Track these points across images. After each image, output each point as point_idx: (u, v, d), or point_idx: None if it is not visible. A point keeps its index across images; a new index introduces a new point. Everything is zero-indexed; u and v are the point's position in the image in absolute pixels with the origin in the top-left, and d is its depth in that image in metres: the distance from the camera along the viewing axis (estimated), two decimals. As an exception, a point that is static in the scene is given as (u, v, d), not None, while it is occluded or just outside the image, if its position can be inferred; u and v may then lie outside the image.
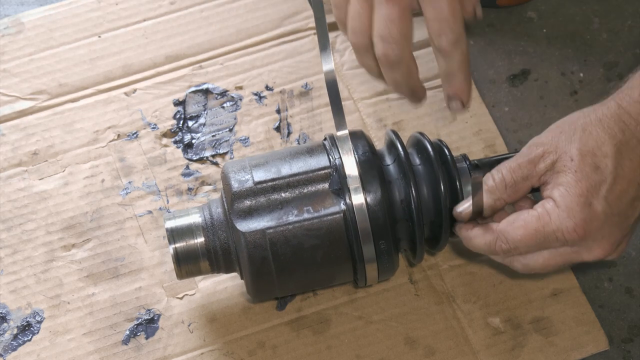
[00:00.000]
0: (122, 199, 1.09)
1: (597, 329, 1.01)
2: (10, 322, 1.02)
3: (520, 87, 1.17)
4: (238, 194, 0.92)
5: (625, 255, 1.05)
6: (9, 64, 1.17)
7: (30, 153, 1.12)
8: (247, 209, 0.92)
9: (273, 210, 0.92)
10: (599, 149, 0.86)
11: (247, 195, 0.92)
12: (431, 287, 1.03)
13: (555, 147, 0.88)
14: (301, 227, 0.91)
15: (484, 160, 0.97)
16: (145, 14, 1.21)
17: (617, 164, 0.86)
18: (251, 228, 0.91)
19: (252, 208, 0.92)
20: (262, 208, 0.92)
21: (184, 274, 0.96)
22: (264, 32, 1.19)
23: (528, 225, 0.87)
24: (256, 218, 0.91)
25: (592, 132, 0.87)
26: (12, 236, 1.06)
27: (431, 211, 0.93)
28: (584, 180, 0.86)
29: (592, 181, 0.86)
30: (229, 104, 1.15)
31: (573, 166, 0.86)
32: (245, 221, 0.91)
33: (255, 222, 0.91)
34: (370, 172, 0.92)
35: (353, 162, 0.92)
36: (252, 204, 0.92)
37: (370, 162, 0.92)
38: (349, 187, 0.91)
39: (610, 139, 0.86)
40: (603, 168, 0.86)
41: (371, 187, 0.91)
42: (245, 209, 0.92)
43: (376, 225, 0.91)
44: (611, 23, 1.21)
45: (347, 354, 1.00)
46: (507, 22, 1.21)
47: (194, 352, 1.00)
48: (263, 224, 0.91)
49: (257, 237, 0.91)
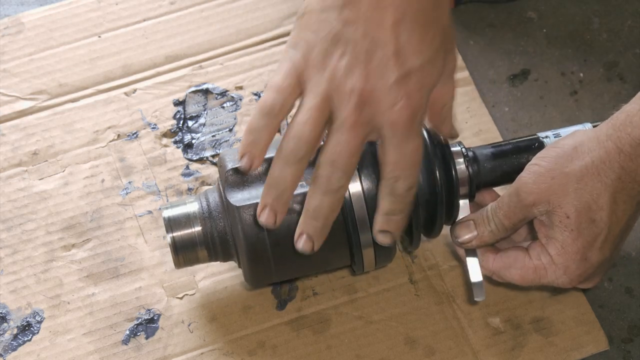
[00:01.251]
0: (122, 199, 1.09)
1: (597, 329, 1.01)
2: (10, 322, 1.02)
3: (520, 87, 1.17)
4: (232, 171, 0.92)
5: (625, 255, 1.05)
6: (9, 64, 1.17)
7: (30, 153, 1.12)
8: (241, 183, 0.92)
9: None
10: (595, 203, 0.86)
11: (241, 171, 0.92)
12: (431, 287, 1.03)
13: (547, 199, 0.87)
14: (296, 201, 0.91)
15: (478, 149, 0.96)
16: (145, 14, 1.21)
17: (612, 213, 0.86)
18: (245, 202, 0.91)
19: (246, 183, 0.92)
20: (257, 182, 0.92)
21: (182, 263, 0.96)
22: (264, 32, 1.20)
23: (524, 275, 0.90)
24: (250, 192, 0.91)
25: (587, 183, 0.86)
26: (12, 236, 1.06)
27: (426, 196, 0.93)
28: (580, 239, 0.87)
29: (589, 237, 0.87)
30: (229, 104, 1.15)
31: (569, 224, 0.87)
32: (239, 194, 0.91)
33: (250, 196, 0.91)
34: (365, 156, 0.91)
35: None
36: (246, 178, 0.92)
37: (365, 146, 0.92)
38: None
39: (605, 190, 0.85)
40: (598, 221, 0.86)
41: (367, 170, 0.91)
42: (238, 182, 0.92)
43: (372, 209, 0.91)
44: (611, 23, 1.21)
45: (347, 354, 1.00)
46: (507, 22, 1.21)
47: (194, 352, 1.00)
48: (257, 198, 0.91)
49: (251, 212, 0.91)
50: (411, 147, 0.84)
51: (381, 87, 0.82)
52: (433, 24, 0.83)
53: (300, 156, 0.84)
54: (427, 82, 0.83)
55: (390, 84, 0.82)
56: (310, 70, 0.84)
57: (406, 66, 0.82)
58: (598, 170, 0.85)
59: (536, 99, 1.16)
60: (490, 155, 0.96)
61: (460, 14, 1.22)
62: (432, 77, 0.84)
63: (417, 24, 0.82)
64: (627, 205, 0.86)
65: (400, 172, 0.85)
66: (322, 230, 0.86)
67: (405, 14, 0.82)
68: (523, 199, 0.88)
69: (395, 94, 0.82)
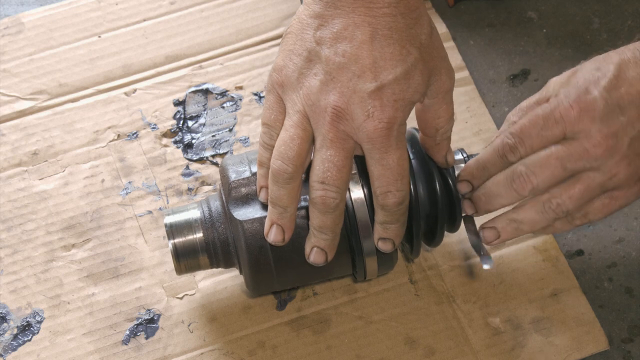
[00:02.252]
0: (122, 199, 1.09)
1: (597, 329, 1.01)
2: (10, 322, 1.02)
3: (520, 87, 1.17)
4: (235, 184, 0.92)
5: (625, 255, 1.05)
6: (9, 64, 1.17)
7: (30, 153, 1.12)
8: (244, 198, 0.92)
9: None
10: (605, 61, 0.87)
11: (244, 184, 0.92)
12: (431, 287, 1.03)
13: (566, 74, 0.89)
14: (298, 216, 0.91)
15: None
16: (145, 14, 1.21)
17: (620, 70, 0.86)
18: (248, 216, 0.91)
19: (250, 197, 0.92)
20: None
21: (184, 269, 0.96)
22: (264, 32, 1.20)
23: (531, 112, 0.88)
24: (253, 206, 0.92)
25: (608, 54, 0.88)
26: (12, 236, 1.06)
27: (426, 205, 0.94)
28: (583, 76, 0.87)
29: (592, 76, 0.86)
30: (229, 104, 1.15)
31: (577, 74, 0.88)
32: (243, 209, 0.92)
33: (253, 211, 0.91)
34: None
35: None
36: (249, 192, 0.92)
37: None
38: None
39: (617, 55, 0.87)
40: (604, 69, 0.86)
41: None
42: (242, 197, 0.92)
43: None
44: (611, 23, 1.21)
45: (347, 354, 1.00)
46: (507, 22, 1.21)
47: (194, 352, 1.00)
48: (261, 212, 0.91)
49: (254, 226, 0.91)
50: (392, 160, 0.85)
51: (355, 100, 0.84)
52: (408, 41, 0.85)
53: (288, 175, 0.86)
54: (402, 96, 0.85)
55: (364, 97, 0.84)
56: (287, 91, 0.86)
57: (379, 79, 0.84)
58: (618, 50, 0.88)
59: (536, 99, 1.16)
60: None
61: (460, 14, 1.22)
62: (408, 92, 0.85)
63: (391, 40, 0.84)
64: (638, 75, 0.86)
65: (387, 187, 0.86)
66: (333, 241, 0.89)
67: (377, 31, 0.84)
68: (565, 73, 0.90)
69: (368, 106, 0.83)
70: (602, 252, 1.06)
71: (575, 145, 0.86)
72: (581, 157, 0.86)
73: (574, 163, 0.87)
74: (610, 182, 0.87)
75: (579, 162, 0.87)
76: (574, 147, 0.86)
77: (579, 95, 0.86)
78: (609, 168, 0.87)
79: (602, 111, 0.86)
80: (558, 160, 0.87)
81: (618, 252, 1.06)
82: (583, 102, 0.86)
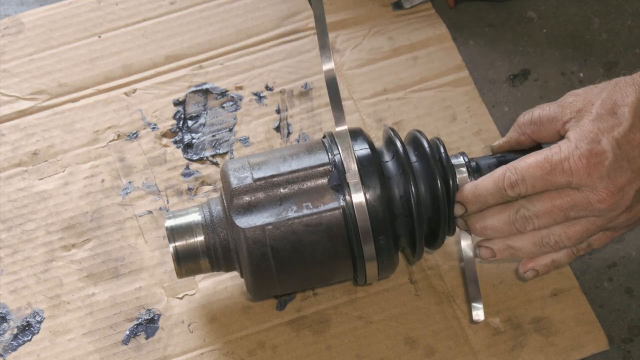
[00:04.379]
0: (122, 199, 1.09)
1: (597, 329, 1.01)
2: (10, 322, 1.02)
3: (520, 87, 1.17)
4: (237, 191, 0.92)
5: (625, 255, 1.05)
6: (9, 64, 1.17)
7: (30, 153, 1.12)
8: (246, 205, 0.92)
9: (272, 206, 0.92)
10: (622, 100, 0.87)
11: (246, 191, 0.92)
12: (431, 287, 1.03)
13: (584, 96, 0.90)
14: (300, 223, 0.91)
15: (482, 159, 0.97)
16: (145, 14, 1.21)
17: (636, 114, 0.87)
18: (250, 224, 0.91)
19: (251, 204, 0.92)
20: (261, 204, 0.92)
21: (184, 273, 0.96)
22: (264, 32, 1.20)
23: (538, 154, 0.89)
24: (255, 214, 0.92)
25: (621, 87, 0.88)
26: (12, 236, 1.06)
27: (429, 208, 0.94)
28: (598, 122, 0.87)
29: (607, 123, 0.87)
30: (229, 104, 1.15)
31: (593, 111, 0.88)
32: (245, 217, 0.91)
33: (255, 218, 0.91)
34: (369, 168, 0.91)
35: (352, 158, 0.92)
36: (251, 200, 0.92)
37: (369, 158, 0.92)
38: (348, 182, 0.91)
39: (635, 92, 0.87)
40: (620, 115, 0.87)
41: (370, 182, 0.91)
42: (244, 205, 0.92)
43: (376, 221, 0.91)
44: (611, 23, 1.21)
45: (347, 354, 1.00)
46: (507, 22, 1.21)
47: (194, 352, 1.00)
48: (262, 220, 0.91)
49: (256, 233, 0.91)
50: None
51: None
52: None
53: None
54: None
55: None
56: None
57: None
58: (634, 81, 0.88)
59: (536, 99, 1.16)
60: (493, 166, 0.95)
61: (460, 14, 1.22)
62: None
63: None
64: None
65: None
66: None
67: None
68: (564, 99, 0.91)
69: None
70: (602, 252, 1.06)
71: (580, 197, 0.88)
72: (585, 209, 0.88)
73: (577, 212, 0.89)
74: (610, 224, 0.90)
75: (582, 212, 0.89)
76: (578, 199, 0.88)
77: (590, 148, 0.87)
78: (611, 217, 0.89)
79: (611, 167, 0.87)
80: (562, 211, 0.89)
81: (618, 252, 1.06)
82: (593, 155, 0.86)
